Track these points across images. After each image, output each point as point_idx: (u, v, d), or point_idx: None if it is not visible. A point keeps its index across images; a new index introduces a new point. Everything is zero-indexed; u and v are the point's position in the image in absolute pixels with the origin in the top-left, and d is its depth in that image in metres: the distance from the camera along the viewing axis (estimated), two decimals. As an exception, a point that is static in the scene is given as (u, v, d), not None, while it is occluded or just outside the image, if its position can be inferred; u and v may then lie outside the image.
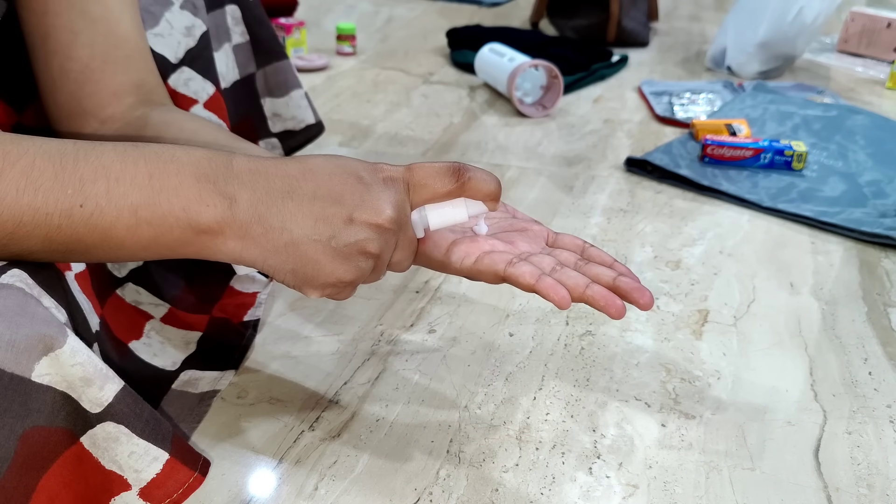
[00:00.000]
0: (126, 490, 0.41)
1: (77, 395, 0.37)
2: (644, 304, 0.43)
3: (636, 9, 1.49)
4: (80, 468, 0.39)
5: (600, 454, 0.51)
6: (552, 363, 0.60)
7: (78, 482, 0.39)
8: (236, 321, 0.63)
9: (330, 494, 0.48)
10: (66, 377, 0.37)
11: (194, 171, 0.39)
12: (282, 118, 0.84)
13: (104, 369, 0.39)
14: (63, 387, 0.37)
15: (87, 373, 0.37)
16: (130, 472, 0.41)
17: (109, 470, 0.40)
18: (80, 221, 0.37)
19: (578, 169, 0.95)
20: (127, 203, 0.38)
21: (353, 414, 0.54)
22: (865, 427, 0.54)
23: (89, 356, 0.38)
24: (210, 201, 0.39)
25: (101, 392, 0.38)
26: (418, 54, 1.45)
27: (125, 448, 0.40)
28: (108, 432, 0.39)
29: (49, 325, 0.36)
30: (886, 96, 1.24)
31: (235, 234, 0.40)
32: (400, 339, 0.63)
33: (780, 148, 0.93)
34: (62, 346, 0.36)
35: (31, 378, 0.35)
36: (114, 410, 0.39)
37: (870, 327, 0.65)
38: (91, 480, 0.40)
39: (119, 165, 0.38)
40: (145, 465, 0.41)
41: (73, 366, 0.36)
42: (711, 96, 1.20)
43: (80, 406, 0.38)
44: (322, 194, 0.41)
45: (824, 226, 0.81)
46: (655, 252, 0.76)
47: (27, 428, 0.35)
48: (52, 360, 0.36)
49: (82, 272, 0.51)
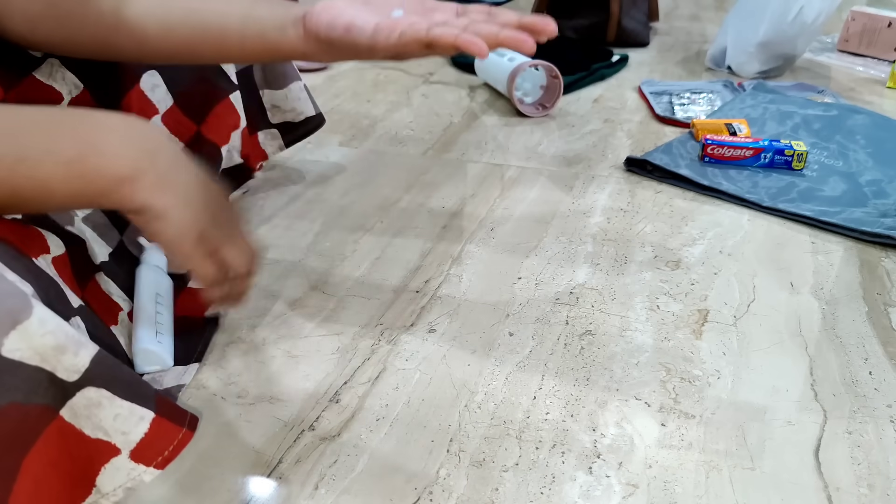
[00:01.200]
0: (116, 455, 0.41)
1: (51, 366, 0.37)
2: (550, 31, 0.49)
3: (636, 9, 1.49)
4: (65, 443, 0.38)
5: (600, 454, 0.51)
6: (552, 363, 0.60)
7: (64, 459, 0.38)
8: (197, 318, 0.63)
9: (330, 494, 0.48)
10: (37, 349, 0.36)
11: (119, 125, 0.45)
12: (281, 110, 0.84)
13: (75, 335, 0.38)
14: (36, 361, 0.36)
15: (59, 340, 0.37)
16: (118, 436, 0.41)
17: (95, 438, 0.40)
18: (23, 175, 0.41)
19: (578, 169, 0.95)
20: (62, 159, 0.42)
21: (353, 414, 0.54)
22: (866, 427, 0.54)
23: (59, 324, 0.37)
24: (133, 154, 0.45)
25: (77, 358, 0.38)
26: (418, 54, 1.45)
27: (109, 411, 0.40)
28: (90, 398, 0.39)
29: (13, 297, 0.35)
30: (887, 96, 1.24)
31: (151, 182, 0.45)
32: (400, 339, 0.63)
33: (780, 148, 0.93)
34: (29, 318, 0.35)
35: (3, 354, 0.34)
36: (92, 375, 0.39)
37: (870, 327, 0.65)
38: (78, 454, 0.39)
39: (51, 125, 0.43)
40: (132, 426, 0.41)
41: (42, 335, 0.36)
42: (711, 96, 1.20)
43: (55, 377, 0.37)
44: None
45: (824, 225, 0.81)
46: (655, 252, 0.76)
47: (3, 405, 0.35)
48: (21, 333, 0.35)
49: (60, 256, 0.51)
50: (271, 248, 0.76)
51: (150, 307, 0.59)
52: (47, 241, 0.50)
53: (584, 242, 0.78)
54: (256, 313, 0.66)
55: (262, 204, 0.85)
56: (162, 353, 0.57)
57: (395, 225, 0.81)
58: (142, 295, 0.60)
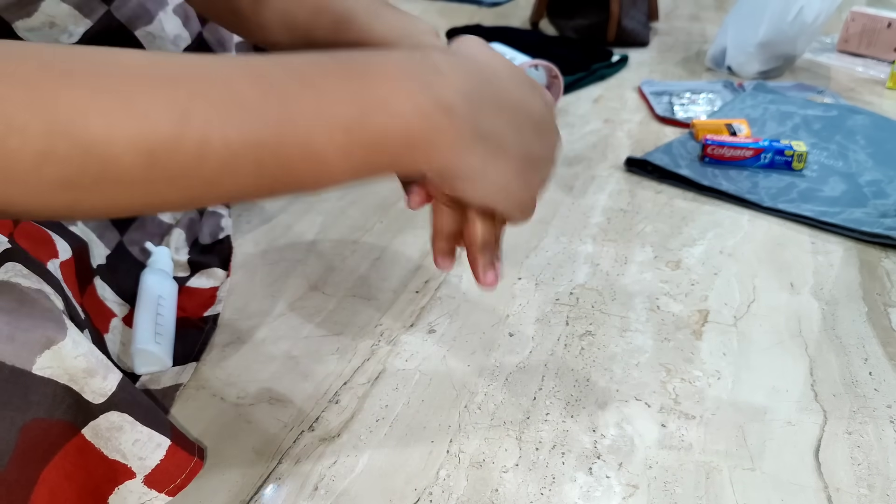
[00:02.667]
0: (130, 478, 0.41)
1: (79, 387, 0.37)
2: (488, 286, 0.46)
3: (636, 9, 1.49)
4: (83, 459, 0.39)
5: (600, 454, 0.51)
6: (552, 363, 0.60)
7: (80, 473, 0.39)
8: (196, 318, 0.63)
9: (330, 494, 0.48)
10: (67, 370, 0.37)
11: (400, 74, 0.35)
12: None
13: (104, 360, 0.39)
14: (65, 380, 0.37)
15: (91, 364, 0.37)
16: (135, 460, 0.41)
17: (113, 459, 0.40)
18: (293, 145, 0.32)
19: (578, 169, 0.95)
20: (339, 123, 0.33)
21: (353, 414, 0.54)
22: (866, 427, 0.54)
23: (90, 348, 0.38)
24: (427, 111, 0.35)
25: (105, 382, 0.38)
26: (418, 54, 1.44)
27: (129, 436, 0.40)
28: (112, 422, 0.40)
29: (49, 318, 0.36)
30: (887, 96, 1.24)
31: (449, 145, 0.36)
32: (400, 339, 0.62)
33: (780, 148, 0.93)
34: (63, 340, 0.36)
35: (32, 371, 0.35)
36: (117, 399, 0.39)
37: (870, 327, 0.65)
38: (94, 471, 0.40)
39: (318, 78, 0.33)
40: (149, 452, 0.42)
41: (75, 358, 0.36)
42: (711, 96, 1.20)
43: (81, 398, 0.38)
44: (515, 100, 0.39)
45: (824, 226, 0.81)
46: (655, 252, 0.76)
47: (27, 420, 0.35)
48: (54, 354, 0.36)
49: (67, 261, 0.51)
50: (271, 247, 0.76)
51: (152, 309, 0.59)
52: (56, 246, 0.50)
53: (584, 242, 0.78)
54: (256, 313, 0.66)
55: (263, 203, 0.85)
56: (161, 355, 0.57)
57: (395, 225, 0.81)
58: (144, 297, 0.60)
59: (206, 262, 0.69)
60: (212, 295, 0.66)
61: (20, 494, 0.35)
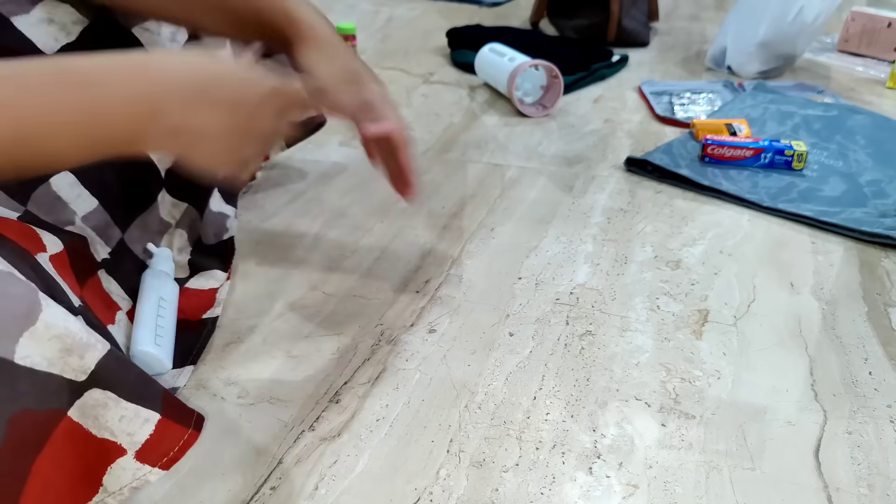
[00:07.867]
0: (122, 455, 0.42)
1: (59, 368, 0.38)
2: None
3: (636, 9, 1.49)
4: (72, 443, 0.39)
5: (600, 454, 0.51)
6: (552, 363, 0.60)
7: (71, 459, 0.39)
8: (194, 320, 0.63)
9: (330, 494, 0.48)
10: (45, 353, 0.37)
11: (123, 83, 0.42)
12: None
13: (84, 337, 0.39)
14: (44, 366, 0.37)
15: (66, 344, 0.38)
16: (123, 437, 0.41)
17: (102, 438, 0.41)
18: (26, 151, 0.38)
19: (578, 169, 0.95)
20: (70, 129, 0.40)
21: (353, 414, 0.54)
22: (866, 427, 0.54)
23: (66, 327, 0.38)
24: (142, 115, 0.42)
25: (83, 360, 0.39)
26: (418, 54, 1.45)
27: (114, 413, 0.40)
28: (96, 399, 0.40)
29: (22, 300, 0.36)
30: (887, 96, 1.24)
31: None
32: (400, 339, 0.63)
33: (780, 148, 0.93)
34: (35, 323, 0.36)
35: (15, 360, 0.35)
36: (98, 377, 0.39)
37: (870, 327, 0.65)
38: (85, 454, 0.40)
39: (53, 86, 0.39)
40: (137, 428, 0.42)
41: (49, 339, 0.37)
42: (711, 96, 1.20)
43: (64, 379, 0.38)
44: None
45: (824, 226, 0.81)
46: (655, 252, 0.76)
47: (15, 412, 0.35)
48: (30, 338, 0.36)
49: (58, 254, 0.51)
50: (271, 247, 0.76)
51: (152, 311, 0.59)
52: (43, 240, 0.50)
53: (584, 242, 0.78)
54: (256, 313, 0.66)
55: (263, 203, 0.85)
56: (160, 356, 0.57)
57: (395, 225, 0.81)
58: (144, 299, 0.60)
59: (206, 264, 0.69)
60: (211, 297, 0.66)
61: (13, 488, 0.35)
